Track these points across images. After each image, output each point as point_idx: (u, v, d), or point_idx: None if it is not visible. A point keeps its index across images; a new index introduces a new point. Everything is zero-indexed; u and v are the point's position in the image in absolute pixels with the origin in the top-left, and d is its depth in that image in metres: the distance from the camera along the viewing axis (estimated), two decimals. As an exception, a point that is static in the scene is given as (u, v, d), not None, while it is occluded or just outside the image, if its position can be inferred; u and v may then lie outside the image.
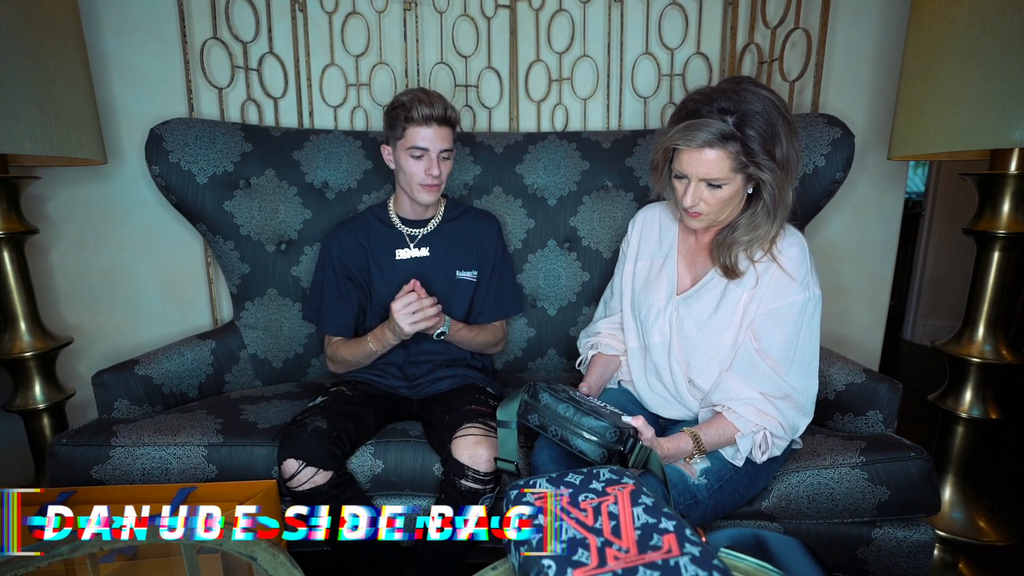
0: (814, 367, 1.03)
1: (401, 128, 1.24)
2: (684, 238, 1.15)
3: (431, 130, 1.23)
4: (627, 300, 1.20)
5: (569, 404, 0.88)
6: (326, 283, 1.38)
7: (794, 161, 0.98)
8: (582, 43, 1.70)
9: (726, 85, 0.97)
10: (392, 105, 1.27)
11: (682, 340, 1.08)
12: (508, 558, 0.69)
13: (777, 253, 1.02)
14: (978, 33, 1.10)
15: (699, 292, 1.08)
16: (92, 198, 1.69)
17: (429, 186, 1.27)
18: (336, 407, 1.19)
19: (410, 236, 1.37)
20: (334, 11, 1.66)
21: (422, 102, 1.22)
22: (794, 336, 1.00)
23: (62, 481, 1.16)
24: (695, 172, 0.97)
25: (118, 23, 1.61)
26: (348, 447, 1.15)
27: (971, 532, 1.33)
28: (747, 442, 0.98)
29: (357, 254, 1.36)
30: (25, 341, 1.43)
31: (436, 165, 1.25)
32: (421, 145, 1.23)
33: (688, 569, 0.57)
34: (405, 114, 1.22)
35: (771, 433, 0.99)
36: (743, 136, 0.92)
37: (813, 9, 1.57)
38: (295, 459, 1.06)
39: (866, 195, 1.71)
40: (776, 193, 0.97)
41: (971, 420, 1.32)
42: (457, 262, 1.37)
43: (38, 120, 1.25)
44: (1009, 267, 1.28)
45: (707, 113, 0.93)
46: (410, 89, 1.27)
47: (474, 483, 1.08)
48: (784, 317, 1.00)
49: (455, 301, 1.36)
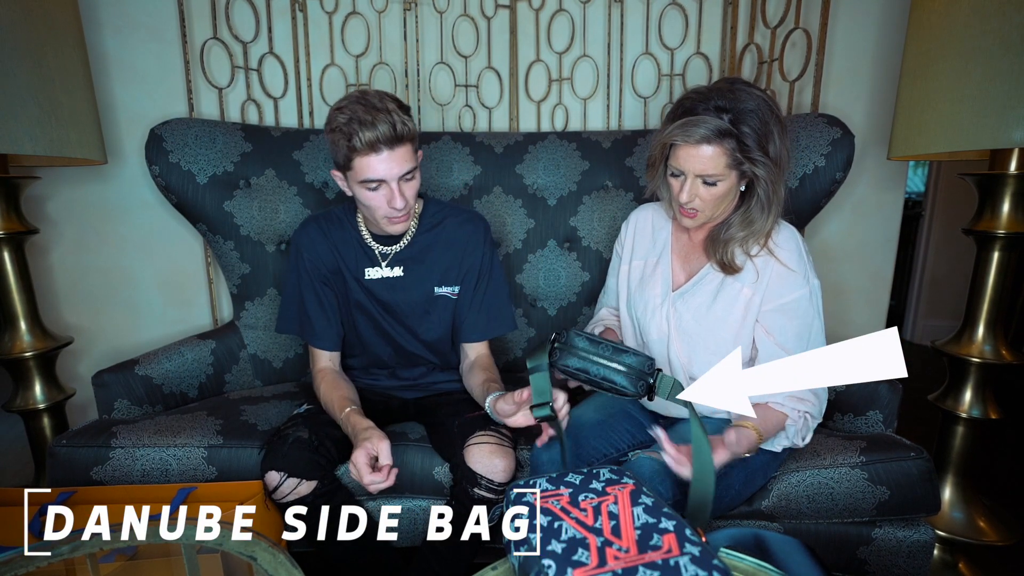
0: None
1: (345, 158, 1.04)
2: (677, 236, 1.17)
3: (382, 156, 1.02)
4: (623, 300, 1.21)
5: (605, 344, 0.92)
6: (304, 288, 1.22)
7: (785, 158, 1.01)
8: (582, 43, 1.70)
9: (721, 84, 1.00)
10: (329, 126, 1.04)
11: (681, 335, 1.10)
12: (508, 558, 0.69)
13: (774, 247, 1.05)
14: (978, 33, 1.10)
15: (695, 287, 1.09)
16: (92, 198, 1.69)
17: (396, 218, 1.10)
18: (320, 415, 1.16)
19: (381, 254, 1.21)
20: (334, 11, 1.66)
21: (363, 124, 0.99)
22: (806, 328, 1.03)
23: (62, 482, 1.16)
24: (691, 168, 0.99)
25: (118, 23, 1.61)
26: (335, 454, 1.11)
27: (971, 532, 1.33)
28: (794, 428, 1.02)
29: (328, 256, 1.21)
30: (25, 341, 1.43)
31: (398, 196, 1.05)
32: (373, 177, 1.04)
33: (688, 569, 0.57)
34: (347, 143, 1.01)
35: (810, 415, 1.03)
36: (739, 133, 0.95)
37: (813, 9, 1.57)
38: (276, 471, 1.04)
39: (866, 195, 1.71)
40: (770, 188, 1.00)
41: (971, 420, 1.32)
42: (435, 278, 1.22)
43: (38, 120, 1.25)
44: (1009, 267, 1.28)
45: (703, 111, 0.96)
46: (347, 99, 1.04)
47: (488, 492, 1.06)
48: (794, 311, 1.03)
49: (434, 319, 1.24)
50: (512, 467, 1.08)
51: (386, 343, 1.28)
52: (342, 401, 1.12)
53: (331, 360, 1.25)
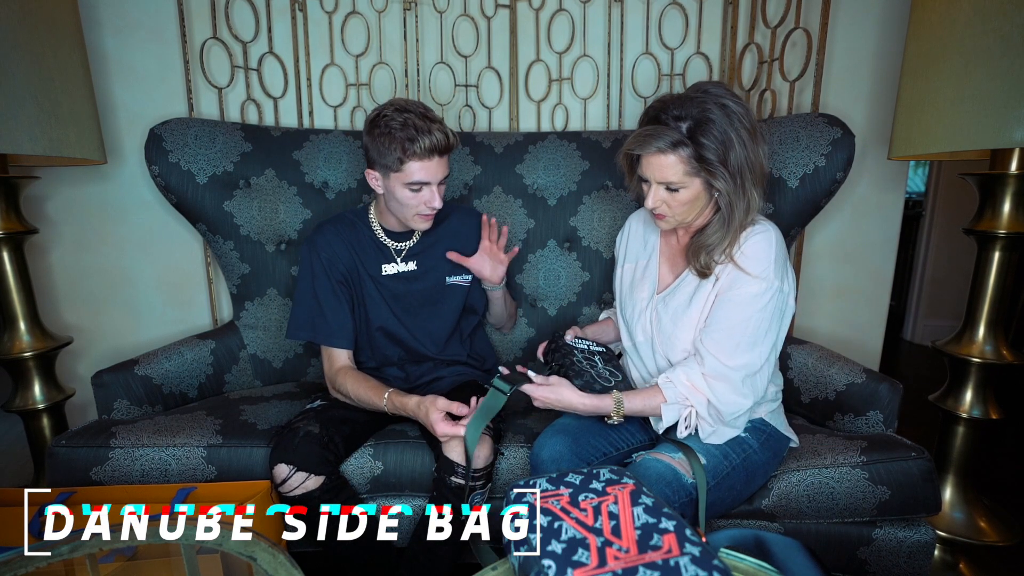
0: (760, 346, 1.01)
1: (396, 161, 1.10)
2: (666, 240, 1.18)
3: (433, 162, 1.11)
4: (618, 303, 1.25)
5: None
6: (318, 288, 1.23)
7: (756, 168, 0.99)
8: (582, 43, 1.70)
9: (690, 92, 1.00)
10: (381, 128, 1.10)
11: (662, 337, 1.11)
12: (508, 558, 0.69)
13: (738, 255, 1.02)
14: (978, 33, 1.10)
15: (675, 290, 1.11)
16: (92, 198, 1.69)
17: (428, 216, 1.19)
18: (331, 411, 1.18)
19: (396, 251, 1.29)
20: (334, 11, 1.66)
21: (422, 132, 1.07)
22: (743, 322, 1.00)
23: (61, 483, 1.16)
24: (653, 176, 1.01)
25: (118, 23, 1.61)
26: (342, 451, 1.14)
27: (971, 532, 1.33)
28: (672, 412, 1.02)
29: (345, 256, 1.26)
30: (25, 341, 1.43)
31: (438, 197, 1.15)
32: (422, 180, 1.12)
33: (688, 569, 0.57)
34: (405, 146, 1.08)
35: (696, 412, 1.02)
36: (695, 143, 0.95)
37: (813, 9, 1.57)
38: (286, 464, 1.06)
39: (866, 195, 1.71)
40: (729, 201, 0.99)
41: (971, 420, 1.32)
42: (446, 269, 1.32)
43: (38, 120, 1.25)
44: (1010, 267, 1.27)
45: (664, 119, 0.98)
46: (399, 107, 1.10)
47: (463, 479, 1.07)
48: (736, 303, 1.01)
49: (442, 308, 1.32)
50: (486, 454, 1.10)
51: (395, 344, 1.31)
52: (377, 388, 1.16)
53: (348, 358, 1.27)
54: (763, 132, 1.02)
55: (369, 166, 1.17)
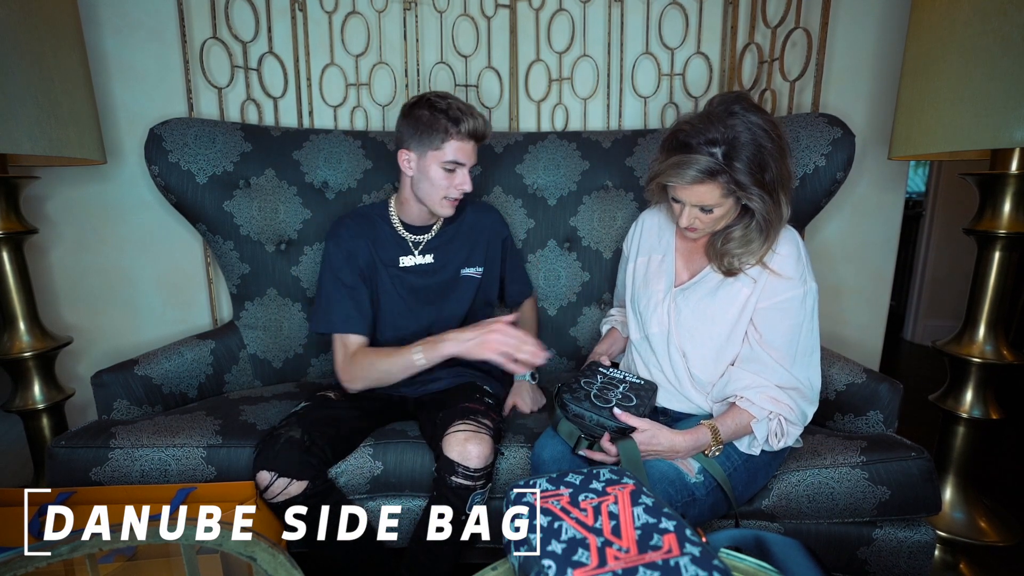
0: (816, 359, 1.06)
1: (440, 139, 1.16)
2: (682, 237, 1.19)
3: (471, 144, 1.19)
4: (628, 295, 1.25)
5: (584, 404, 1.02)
6: (339, 278, 1.26)
7: (787, 179, 1.01)
8: (582, 43, 1.70)
9: (717, 109, 0.99)
10: (429, 108, 1.17)
11: (680, 330, 1.11)
12: (508, 558, 0.69)
13: (770, 261, 1.05)
14: (978, 33, 1.10)
15: (696, 284, 1.11)
16: (91, 198, 1.69)
17: (454, 201, 1.23)
18: (315, 414, 1.17)
19: (414, 243, 1.32)
20: (334, 11, 1.66)
21: (465, 114, 1.15)
22: (796, 329, 1.03)
23: (61, 483, 1.15)
24: (688, 199, 1.02)
25: (118, 23, 1.61)
26: (328, 455, 1.12)
27: (972, 532, 1.33)
28: (763, 428, 1.00)
29: (364, 250, 1.28)
30: (24, 341, 1.43)
31: (469, 180, 1.21)
32: (460, 160, 1.18)
33: (688, 569, 0.57)
34: (448, 126, 1.15)
35: (785, 419, 1.01)
36: (731, 169, 0.96)
37: (813, 9, 1.57)
38: (267, 471, 1.05)
39: (866, 195, 1.71)
40: (766, 216, 1.01)
41: (972, 420, 1.32)
42: (461, 261, 1.34)
43: (37, 120, 1.24)
44: (1010, 267, 1.27)
45: (696, 146, 0.97)
46: (441, 95, 1.19)
47: (464, 479, 1.07)
48: (786, 310, 1.03)
49: (454, 299, 1.34)
50: (486, 453, 1.09)
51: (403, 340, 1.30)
52: (402, 349, 1.17)
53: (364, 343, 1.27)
54: (788, 141, 1.03)
55: (403, 147, 1.21)
